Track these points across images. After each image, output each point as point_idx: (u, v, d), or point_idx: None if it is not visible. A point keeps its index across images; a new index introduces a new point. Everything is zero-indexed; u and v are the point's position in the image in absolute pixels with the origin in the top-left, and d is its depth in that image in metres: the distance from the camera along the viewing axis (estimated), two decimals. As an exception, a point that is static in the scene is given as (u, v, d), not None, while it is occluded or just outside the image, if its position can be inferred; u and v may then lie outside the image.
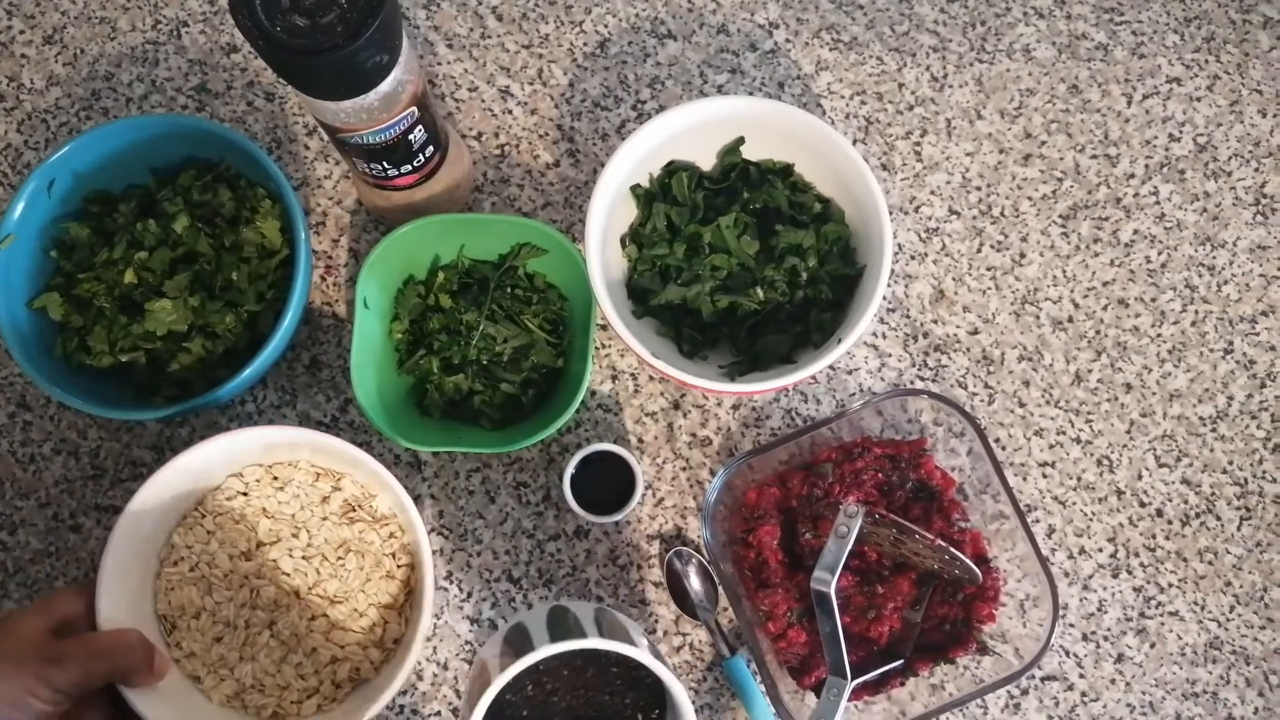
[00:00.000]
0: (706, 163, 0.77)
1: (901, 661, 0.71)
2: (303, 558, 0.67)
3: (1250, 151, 0.83)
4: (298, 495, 0.69)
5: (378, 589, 0.68)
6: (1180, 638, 0.76)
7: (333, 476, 0.70)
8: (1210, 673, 0.76)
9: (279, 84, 0.83)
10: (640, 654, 0.58)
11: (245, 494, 0.69)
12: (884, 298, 0.80)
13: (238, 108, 0.83)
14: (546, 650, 0.57)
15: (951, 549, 0.67)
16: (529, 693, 0.62)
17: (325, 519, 0.69)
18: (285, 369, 0.78)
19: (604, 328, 0.79)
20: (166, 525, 0.68)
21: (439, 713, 0.74)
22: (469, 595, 0.76)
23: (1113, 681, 0.75)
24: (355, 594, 0.68)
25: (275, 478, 0.70)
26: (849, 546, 0.66)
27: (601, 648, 0.58)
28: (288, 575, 0.67)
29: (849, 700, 0.70)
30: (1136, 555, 0.77)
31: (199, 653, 0.66)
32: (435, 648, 0.75)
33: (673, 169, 0.75)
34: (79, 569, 0.76)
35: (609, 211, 0.73)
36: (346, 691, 0.67)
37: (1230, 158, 0.83)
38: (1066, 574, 0.77)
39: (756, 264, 0.74)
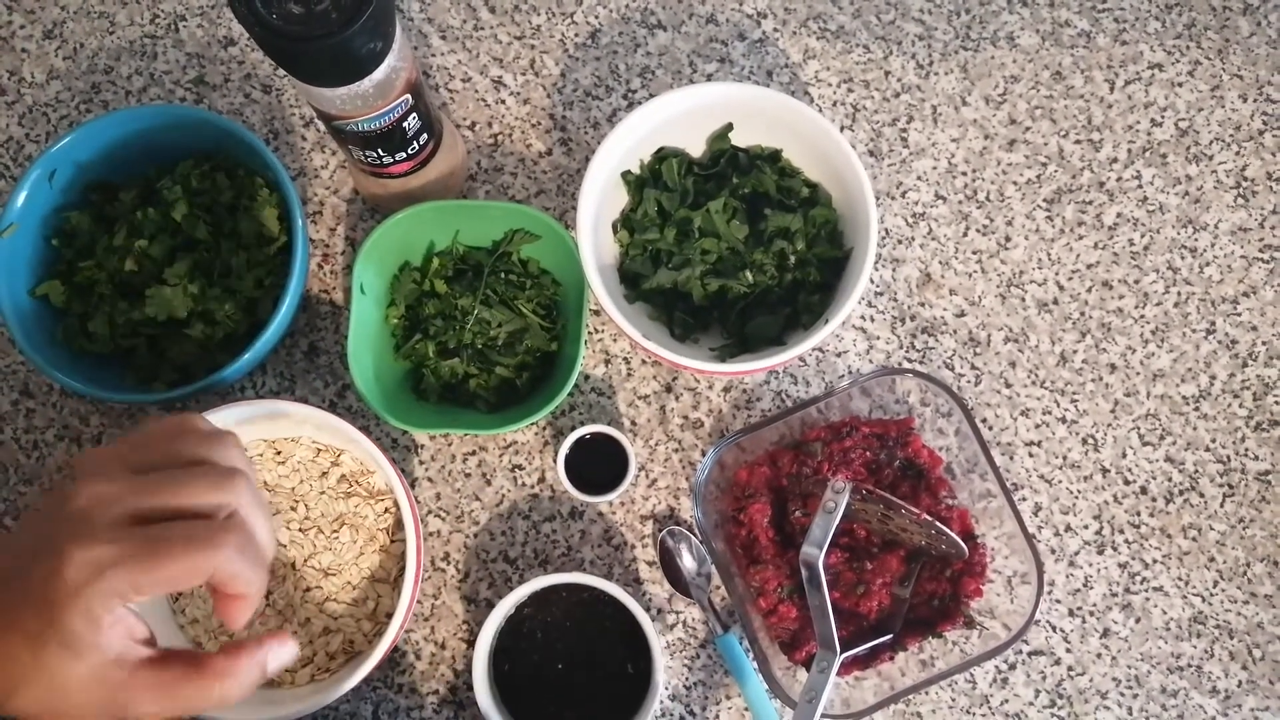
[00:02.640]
0: (696, 149, 0.78)
1: (890, 636, 0.72)
2: (299, 530, 0.69)
3: (1231, 135, 0.84)
4: (298, 469, 0.71)
5: (370, 563, 0.70)
6: (1165, 612, 0.77)
7: (333, 452, 0.72)
8: (1194, 647, 0.77)
9: (276, 76, 0.85)
10: (614, 589, 0.70)
11: (247, 469, 0.71)
12: (871, 281, 0.82)
13: (235, 100, 0.84)
14: (545, 580, 0.71)
15: (937, 523, 0.68)
16: (538, 638, 0.73)
17: (323, 493, 0.70)
18: (284, 355, 0.80)
19: (597, 313, 0.80)
20: None
21: (437, 691, 0.75)
22: (466, 576, 0.77)
23: (1099, 656, 0.77)
24: (348, 567, 0.69)
25: (278, 452, 0.71)
26: (837, 521, 0.67)
27: (583, 581, 0.71)
28: (284, 547, 0.68)
29: (839, 675, 0.71)
30: (1121, 532, 0.79)
31: (201, 619, 0.68)
32: (433, 627, 0.76)
33: (663, 155, 0.77)
34: (82, 552, 0.77)
35: (600, 197, 0.74)
36: (340, 663, 0.69)
37: (1211, 142, 0.84)
38: (1053, 551, 0.78)
39: (746, 248, 0.75)
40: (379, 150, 0.70)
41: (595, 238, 0.73)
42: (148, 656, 0.43)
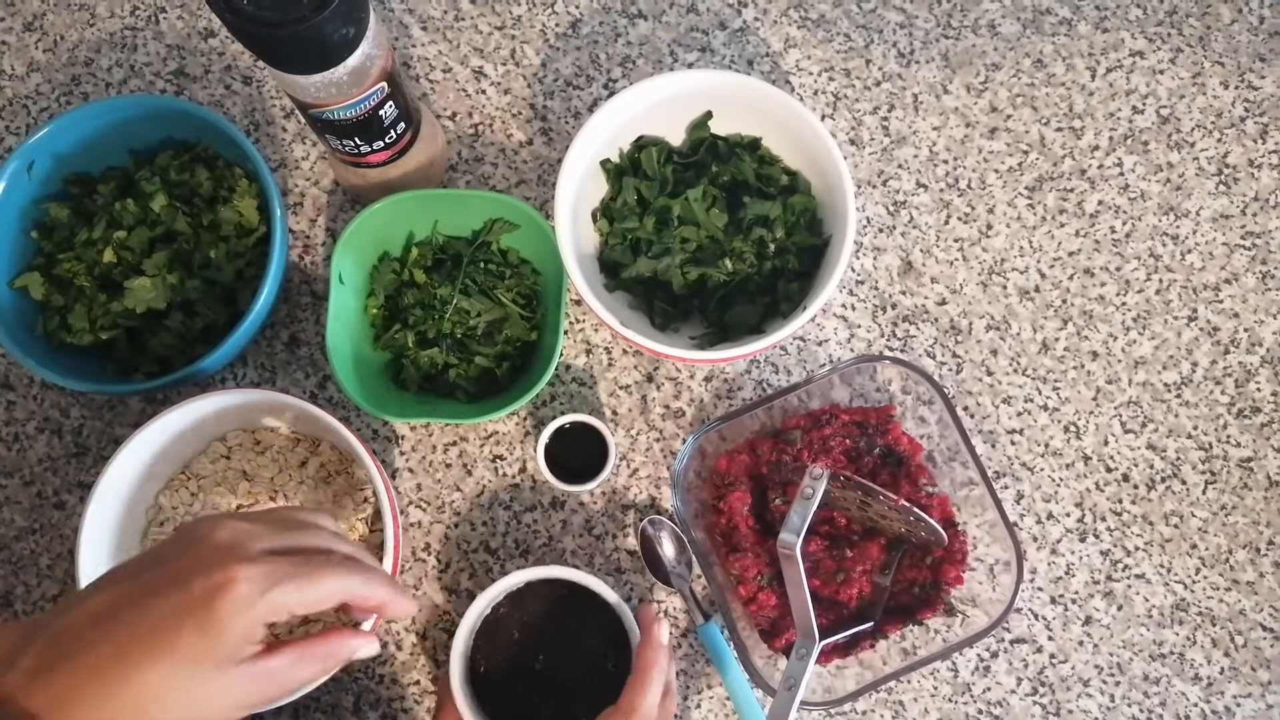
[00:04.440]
0: (675, 138, 0.78)
1: (871, 624, 0.72)
2: (277, 520, 0.69)
3: (1212, 123, 0.84)
4: (276, 459, 0.71)
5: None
6: (1147, 600, 0.77)
7: (311, 442, 0.72)
8: (1177, 634, 0.77)
9: (256, 68, 0.84)
10: (589, 580, 0.69)
11: (227, 457, 0.71)
12: (852, 269, 0.82)
13: (215, 91, 0.84)
14: (521, 576, 0.69)
15: (916, 509, 0.68)
16: (515, 635, 0.71)
17: (302, 483, 0.70)
18: (264, 347, 0.80)
19: (577, 302, 0.80)
20: (154, 486, 0.70)
21: (418, 681, 0.75)
22: (447, 566, 0.77)
23: (1081, 643, 0.77)
24: (329, 557, 0.69)
25: (257, 441, 0.71)
26: (814, 507, 0.67)
27: (560, 576, 0.69)
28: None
29: (820, 664, 0.71)
30: (1103, 519, 0.78)
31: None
32: (414, 618, 0.76)
33: (642, 144, 0.77)
34: (63, 545, 0.77)
35: (579, 186, 0.74)
36: (321, 652, 0.69)
37: (1193, 129, 0.84)
38: (1035, 539, 0.78)
39: (725, 236, 0.75)
40: (356, 139, 0.70)
41: (574, 227, 0.73)
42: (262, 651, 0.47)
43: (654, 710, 0.61)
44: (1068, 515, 0.78)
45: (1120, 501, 0.79)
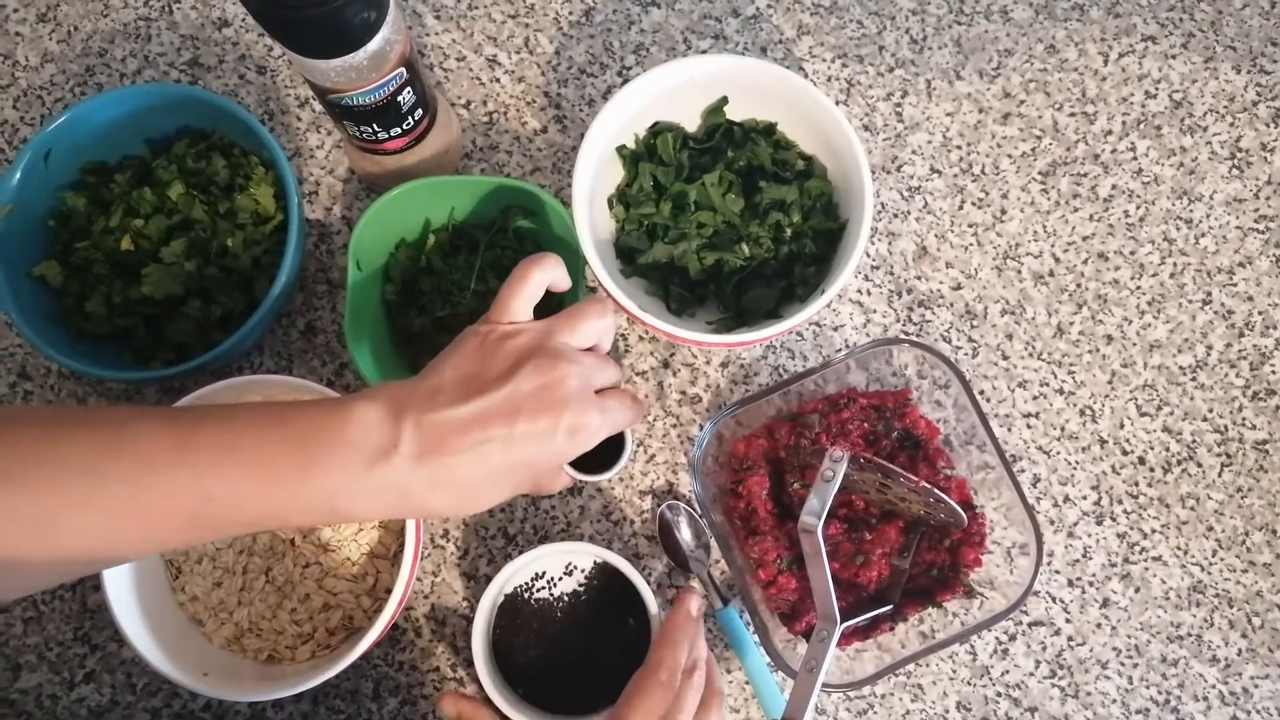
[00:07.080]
0: (691, 123, 0.79)
1: (890, 607, 0.72)
2: (299, 504, 0.69)
3: (1225, 107, 0.85)
4: (295, 444, 0.71)
5: (369, 538, 0.70)
6: (1164, 582, 0.78)
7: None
8: (1194, 616, 0.77)
9: (271, 57, 0.85)
10: (606, 555, 0.70)
11: (244, 444, 0.71)
12: (868, 255, 0.82)
13: (230, 81, 0.84)
14: (540, 551, 0.71)
15: (936, 490, 0.68)
16: (532, 613, 0.73)
17: (322, 468, 0.70)
18: (281, 335, 0.80)
19: (593, 289, 0.80)
20: None
21: (437, 668, 0.75)
22: (465, 553, 0.77)
23: (1098, 626, 0.77)
24: (348, 543, 0.69)
25: (273, 428, 0.71)
26: (835, 490, 0.67)
27: (574, 551, 0.72)
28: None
29: (839, 647, 0.71)
30: (1120, 502, 0.79)
31: (201, 596, 0.68)
32: (433, 604, 0.76)
33: (658, 130, 0.77)
34: (81, 533, 0.77)
35: (596, 172, 0.74)
36: (340, 639, 0.69)
37: (1205, 113, 0.84)
38: (1052, 522, 0.78)
39: (742, 221, 0.75)
40: (374, 125, 0.70)
41: (591, 213, 0.73)
42: None
43: (680, 665, 0.63)
44: (1084, 498, 0.79)
45: (1136, 484, 0.79)
